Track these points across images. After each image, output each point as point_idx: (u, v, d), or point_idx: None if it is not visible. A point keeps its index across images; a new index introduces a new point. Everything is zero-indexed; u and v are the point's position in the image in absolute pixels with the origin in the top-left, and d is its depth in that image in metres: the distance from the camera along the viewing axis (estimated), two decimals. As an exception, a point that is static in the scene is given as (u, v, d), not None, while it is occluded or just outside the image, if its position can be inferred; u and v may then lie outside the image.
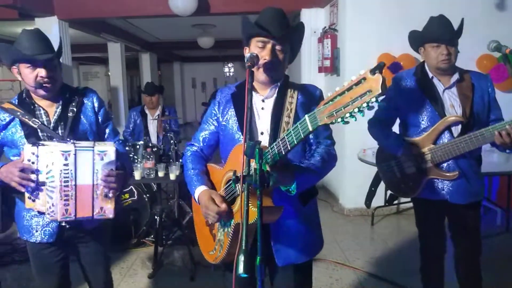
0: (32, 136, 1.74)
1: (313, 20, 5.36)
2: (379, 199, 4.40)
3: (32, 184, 1.65)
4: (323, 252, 3.49)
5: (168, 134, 4.19)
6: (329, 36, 4.81)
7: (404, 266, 3.26)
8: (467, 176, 2.10)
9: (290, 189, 1.41)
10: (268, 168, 1.28)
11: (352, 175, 4.55)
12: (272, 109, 1.55)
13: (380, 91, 1.00)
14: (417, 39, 2.16)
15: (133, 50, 9.76)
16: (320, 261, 3.35)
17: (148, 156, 3.48)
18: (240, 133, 1.55)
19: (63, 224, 1.79)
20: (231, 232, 1.46)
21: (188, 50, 11.59)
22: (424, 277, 2.38)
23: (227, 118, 1.61)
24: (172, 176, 3.26)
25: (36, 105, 1.79)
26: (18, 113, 1.74)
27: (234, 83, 1.71)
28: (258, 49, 1.50)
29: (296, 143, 1.23)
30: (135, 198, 3.76)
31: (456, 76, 2.09)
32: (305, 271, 1.63)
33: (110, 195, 1.73)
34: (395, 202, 4.59)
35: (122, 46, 8.31)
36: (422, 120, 2.12)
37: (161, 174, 3.39)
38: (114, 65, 8.34)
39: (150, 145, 3.86)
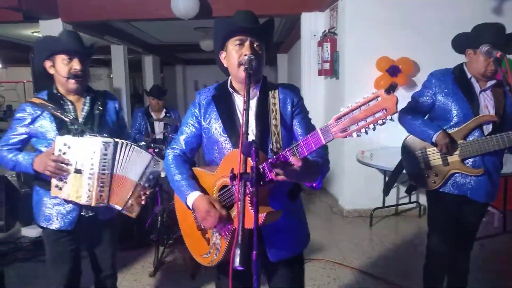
0: (63, 129, 1.90)
1: (313, 23, 5.42)
2: (377, 201, 4.47)
3: (65, 174, 1.84)
4: (321, 252, 3.59)
5: (170, 136, 4.25)
6: (328, 39, 4.88)
7: (402, 266, 3.31)
8: (490, 174, 2.17)
9: (314, 185, 1.46)
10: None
11: (351, 176, 4.60)
12: (256, 110, 1.56)
13: (396, 110, 1.09)
14: (474, 42, 2.10)
15: (136, 53, 9.83)
16: (318, 260, 3.40)
17: (150, 157, 3.54)
18: (226, 135, 1.56)
19: (83, 213, 1.96)
20: (229, 236, 1.49)
21: (191, 53, 11.65)
22: (427, 275, 2.41)
23: (209, 121, 1.61)
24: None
25: (65, 99, 1.95)
26: (50, 107, 1.90)
27: (213, 85, 1.70)
28: (237, 48, 1.51)
29: (306, 154, 1.29)
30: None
31: (493, 81, 2.16)
32: (297, 265, 1.67)
33: (142, 199, 1.95)
34: (394, 204, 4.65)
35: (125, 49, 8.38)
36: (455, 116, 2.17)
37: (163, 174, 3.44)
38: (117, 67, 8.42)
39: (152, 146, 3.91)
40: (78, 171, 1.84)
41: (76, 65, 1.88)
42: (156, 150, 3.85)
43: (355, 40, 4.47)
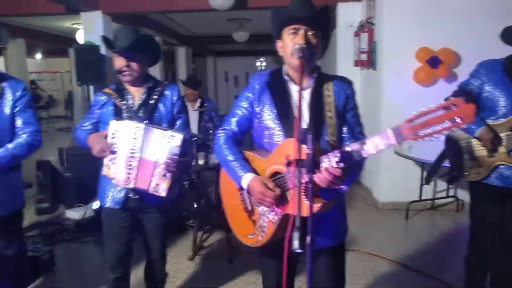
0: (118, 115, 2.08)
1: (349, 13, 5.35)
2: (413, 194, 4.41)
3: (109, 156, 1.98)
4: (356, 243, 3.60)
5: (206, 125, 4.33)
6: (366, 30, 4.81)
7: (440, 260, 3.27)
8: None
9: (339, 188, 1.47)
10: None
11: (388, 169, 4.55)
12: (310, 101, 1.57)
13: (473, 120, 1.11)
14: None
15: (170, 44, 9.98)
16: (354, 251, 3.41)
17: (189, 145, 3.63)
18: (278, 122, 1.57)
19: (130, 195, 2.06)
20: (278, 220, 1.52)
21: (222, 44, 11.72)
22: (468, 270, 2.38)
23: (263, 106, 1.62)
24: (212, 165, 3.43)
25: (125, 90, 2.14)
26: (113, 96, 2.11)
27: (266, 71, 1.71)
28: (291, 36, 1.52)
29: (375, 152, 1.30)
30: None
31: None
32: (339, 253, 1.70)
33: (168, 175, 1.96)
34: (430, 197, 4.57)
35: (161, 40, 8.53)
36: (503, 107, 2.14)
37: (201, 162, 3.55)
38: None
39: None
40: (113, 153, 1.99)
41: (121, 61, 2.04)
42: (194, 138, 3.93)
43: (394, 30, 4.39)
